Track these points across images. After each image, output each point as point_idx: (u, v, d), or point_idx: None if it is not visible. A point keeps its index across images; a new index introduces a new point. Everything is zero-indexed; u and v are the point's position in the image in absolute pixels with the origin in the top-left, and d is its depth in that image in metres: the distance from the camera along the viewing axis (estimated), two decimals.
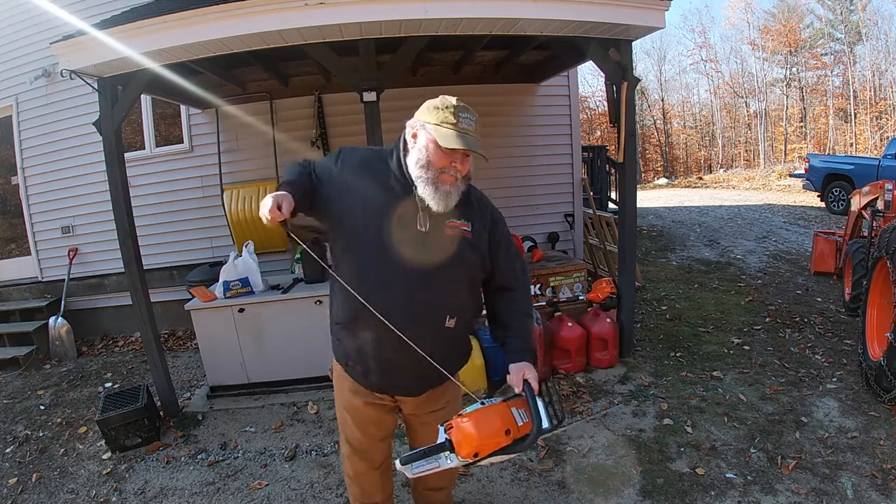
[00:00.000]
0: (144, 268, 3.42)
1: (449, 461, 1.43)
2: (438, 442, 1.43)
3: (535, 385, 1.52)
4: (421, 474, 1.47)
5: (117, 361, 4.76)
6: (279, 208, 1.39)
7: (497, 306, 1.72)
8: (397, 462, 1.48)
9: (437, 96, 1.51)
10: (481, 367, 3.45)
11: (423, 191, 1.47)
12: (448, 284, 1.57)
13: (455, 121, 1.43)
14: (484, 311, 1.78)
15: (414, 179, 1.49)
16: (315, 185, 1.55)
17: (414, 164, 1.48)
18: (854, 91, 21.71)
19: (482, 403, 1.47)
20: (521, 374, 1.54)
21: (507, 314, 1.70)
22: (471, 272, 1.61)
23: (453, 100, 1.48)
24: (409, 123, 1.54)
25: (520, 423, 1.45)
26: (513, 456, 1.51)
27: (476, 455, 1.40)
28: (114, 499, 2.66)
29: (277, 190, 1.47)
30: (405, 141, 1.54)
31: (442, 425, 1.45)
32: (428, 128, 1.46)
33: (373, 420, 1.75)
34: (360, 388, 1.69)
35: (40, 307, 5.20)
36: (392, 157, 1.55)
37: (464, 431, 1.41)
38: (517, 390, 1.54)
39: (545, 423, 1.45)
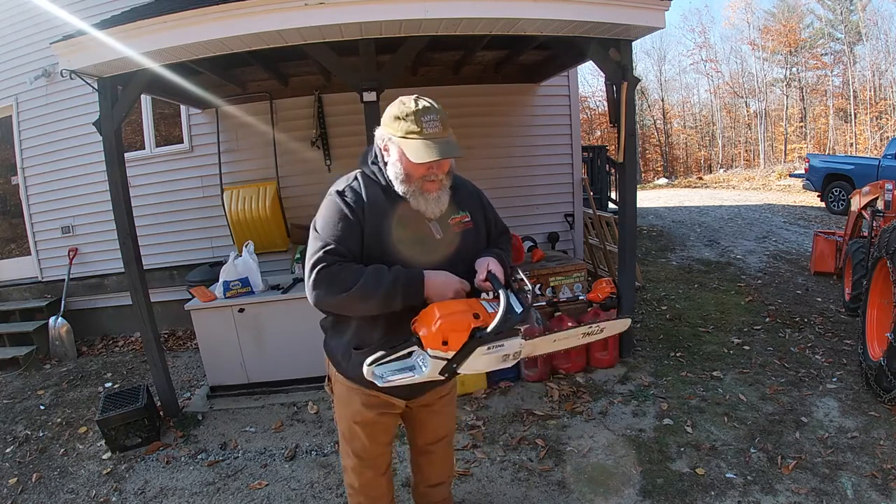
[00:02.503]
0: (144, 268, 3.43)
1: (424, 366, 1.37)
2: (405, 339, 1.39)
3: (499, 275, 1.46)
4: (393, 383, 1.40)
5: (117, 361, 4.76)
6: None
7: None
8: (364, 365, 1.39)
9: (397, 99, 1.44)
10: None
11: (415, 203, 1.46)
12: (469, 279, 1.58)
13: (419, 128, 1.37)
14: None
15: (401, 194, 1.46)
16: (361, 249, 1.46)
17: (395, 179, 1.46)
18: (854, 91, 21.71)
19: None
20: (484, 265, 1.49)
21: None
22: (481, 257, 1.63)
23: (412, 102, 1.40)
24: (377, 134, 1.50)
25: (490, 311, 1.39)
26: (498, 361, 1.40)
27: (446, 343, 1.33)
28: (114, 499, 2.66)
29: (399, 280, 1.39)
30: (380, 154, 1.50)
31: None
32: (395, 141, 1.41)
33: (383, 428, 1.74)
34: (374, 399, 1.64)
35: (40, 307, 5.20)
36: (378, 175, 1.50)
37: (427, 314, 1.35)
38: (481, 278, 1.48)
39: (516, 308, 1.39)
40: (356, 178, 1.53)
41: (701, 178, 22.05)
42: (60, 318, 4.97)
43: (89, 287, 5.35)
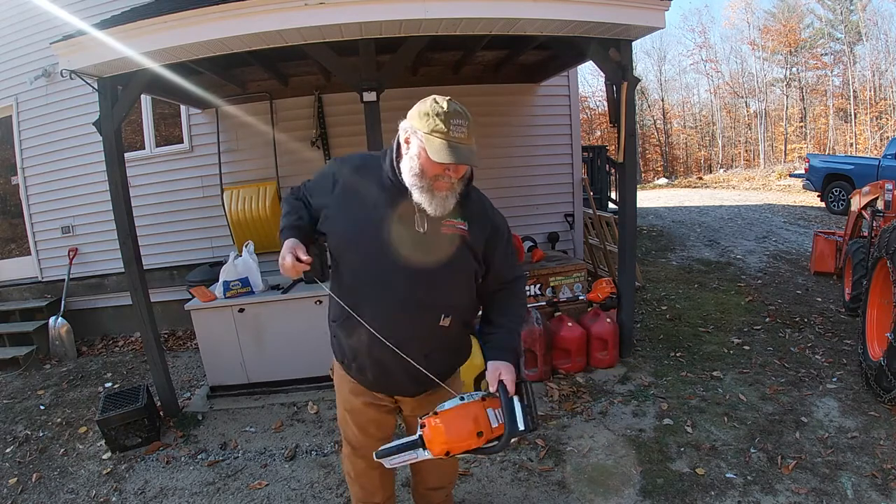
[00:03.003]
0: (144, 268, 3.42)
1: (425, 453, 1.45)
2: (412, 439, 1.47)
3: (510, 387, 1.49)
4: (398, 465, 1.50)
5: (117, 361, 4.76)
6: (299, 260, 1.48)
7: (490, 308, 1.70)
8: (374, 454, 1.50)
9: (430, 97, 1.44)
10: (481, 367, 3.45)
11: (419, 197, 1.45)
12: (444, 284, 1.56)
13: (446, 129, 1.37)
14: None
15: (408, 186, 1.45)
16: (312, 211, 1.63)
17: (407, 171, 1.45)
18: (854, 91, 21.71)
19: (461, 399, 1.48)
20: (496, 373, 1.51)
21: (498, 315, 1.67)
22: (467, 272, 1.58)
23: (445, 103, 1.40)
24: (402, 126, 1.50)
25: (494, 425, 1.45)
26: (490, 454, 1.54)
27: (448, 454, 1.43)
28: (114, 499, 2.66)
29: (281, 235, 1.60)
30: (399, 144, 1.50)
31: (420, 418, 1.47)
32: (419, 135, 1.41)
33: (372, 420, 1.75)
34: (360, 388, 1.69)
35: (40, 307, 5.20)
36: (385, 160, 1.53)
37: (435, 432, 1.42)
38: (492, 390, 1.51)
39: (520, 426, 1.44)
40: (360, 156, 1.64)
41: (701, 178, 22.05)
42: (60, 318, 4.97)
43: (89, 287, 5.35)
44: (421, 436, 1.44)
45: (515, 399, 1.46)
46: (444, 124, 1.37)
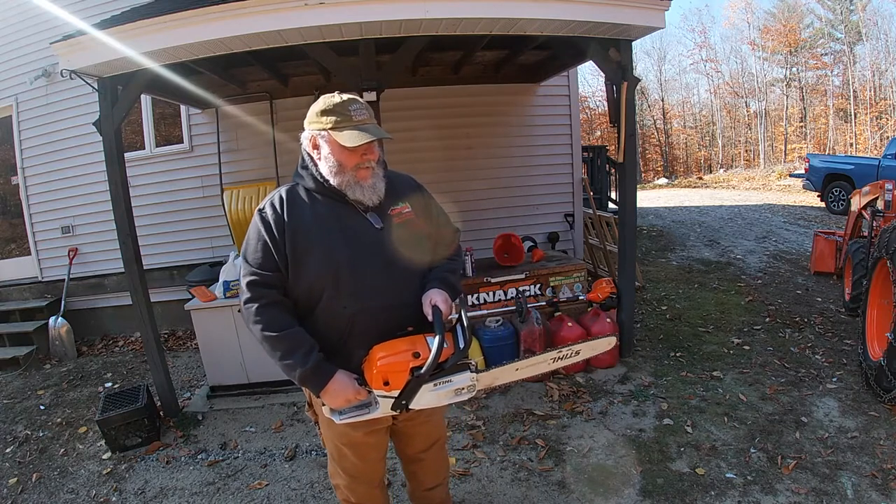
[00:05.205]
0: (144, 268, 3.43)
1: (377, 403, 1.44)
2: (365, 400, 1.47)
3: (444, 308, 1.47)
4: (348, 420, 1.48)
5: (117, 361, 4.76)
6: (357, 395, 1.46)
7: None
8: (325, 408, 1.49)
9: (319, 98, 1.50)
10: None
11: (353, 194, 1.49)
12: (415, 266, 1.58)
13: (349, 117, 1.43)
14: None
15: (338, 187, 1.49)
16: (286, 276, 1.49)
17: (329, 173, 1.48)
18: (854, 91, 21.72)
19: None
20: (429, 301, 1.50)
21: (439, 261, 1.67)
22: (425, 245, 1.62)
23: (337, 97, 1.48)
24: (303, 137, 1.53)
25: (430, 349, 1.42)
26: (450, 395, 1.45)
27: (387, 384, 1.40)
28: (114, 499, 2.66)
29: (290, 356, 1.50)
30: (308, 156, 1.53)
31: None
32: (325, 135, 1.46)
33: (372, 446, 1.71)
34: (360, 421, 1.61)
35: (40, 307, 5.20)
36: (305, 181, 1.53)
37: (371, 355, 1.43)
38: (429, 319, 1.49)
39: (460, 343, 1.45)
40: (279, 193, 1.54)
41: (701, 178, 22.05)
42: (60, 318, 4.97)
43: (89, 287, 5.35)
44: (363, 376, 1.45)
45: (443, 330, 1.44)
46: (345, 113, 1.44)
